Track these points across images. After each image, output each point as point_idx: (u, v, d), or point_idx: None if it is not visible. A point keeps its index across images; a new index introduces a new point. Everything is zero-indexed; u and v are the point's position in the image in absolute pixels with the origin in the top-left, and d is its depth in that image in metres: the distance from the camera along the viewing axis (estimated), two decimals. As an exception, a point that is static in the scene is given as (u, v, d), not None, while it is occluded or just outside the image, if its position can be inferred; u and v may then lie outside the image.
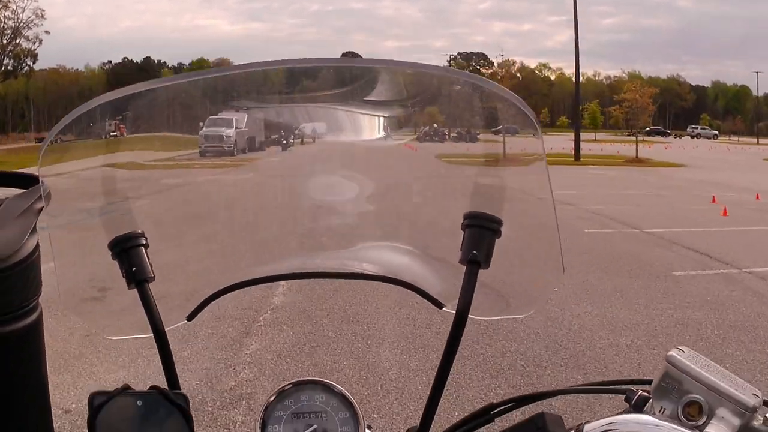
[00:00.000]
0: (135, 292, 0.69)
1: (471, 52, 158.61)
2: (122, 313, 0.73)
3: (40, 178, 0.63)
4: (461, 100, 0.79)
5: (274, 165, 1.00)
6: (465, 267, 0.65)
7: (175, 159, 0.92)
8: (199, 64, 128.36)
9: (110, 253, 0.70)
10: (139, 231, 0.71)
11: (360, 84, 0.73)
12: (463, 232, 0.66)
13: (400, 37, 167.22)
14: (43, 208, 0.62)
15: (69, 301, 0.71)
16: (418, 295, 0.73)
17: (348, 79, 0.75)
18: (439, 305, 0.72)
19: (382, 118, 0.78)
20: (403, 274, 0.73)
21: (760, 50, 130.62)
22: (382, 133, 0.78)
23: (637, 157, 29.27)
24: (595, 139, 63.69)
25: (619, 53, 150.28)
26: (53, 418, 0.68)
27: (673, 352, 0.60)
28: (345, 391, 0.71)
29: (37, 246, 0.59)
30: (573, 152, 30.69)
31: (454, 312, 0.65)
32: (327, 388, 0.71)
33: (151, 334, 0.69)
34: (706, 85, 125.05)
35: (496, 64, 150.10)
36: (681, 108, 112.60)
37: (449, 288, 0.68)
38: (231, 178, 1.08)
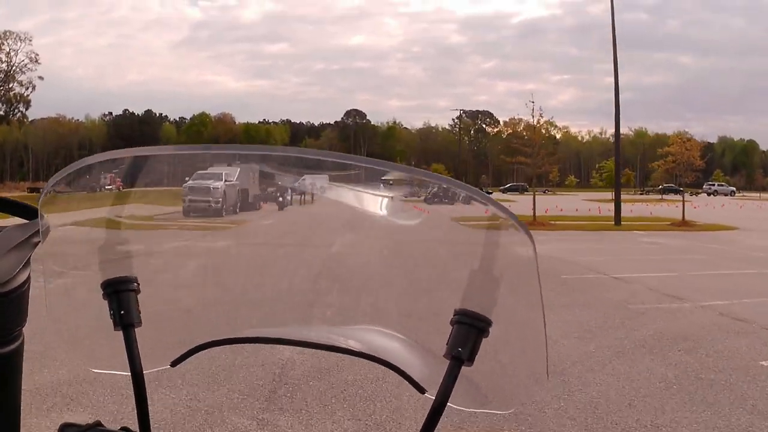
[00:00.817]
0: (119, 333, 0.71)
1: (477, 111, 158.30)
2: (107, 349, 0.75)
3: (40, 212, 0.65)
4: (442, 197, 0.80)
5: (266, 229, 1.02)
6: (448, 361, 0.66)
7: (167, 216, 0.94)
8: (201, 119, 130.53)
9: (102, 293, 0.72)
10: (133, 276, 0.73)
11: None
12: (451, 327, 0.67)
13: (404, 96, 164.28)
14: (39, 242, 0.63)
15: (55, 329, 0.73)
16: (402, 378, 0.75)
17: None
18: (421, 390, 0.73)
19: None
20: (390, 356, 0.75)
21: (759, 104, 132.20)
22: (388, 192, 0.77)
23: (684, 219, 25.83)
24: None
25: (621, 112, 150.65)
26: None
27: None
28: None
29: (29, 278, 0.60)
30: (602, 214, 28.90)
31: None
32: None
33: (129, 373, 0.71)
34: (711, 141, 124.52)
35: (501, 123, 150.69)
36: (689, 165, 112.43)
37: (433, 376, 0.69)
38: (220, 243, 1.08)
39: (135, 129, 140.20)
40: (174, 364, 0.77)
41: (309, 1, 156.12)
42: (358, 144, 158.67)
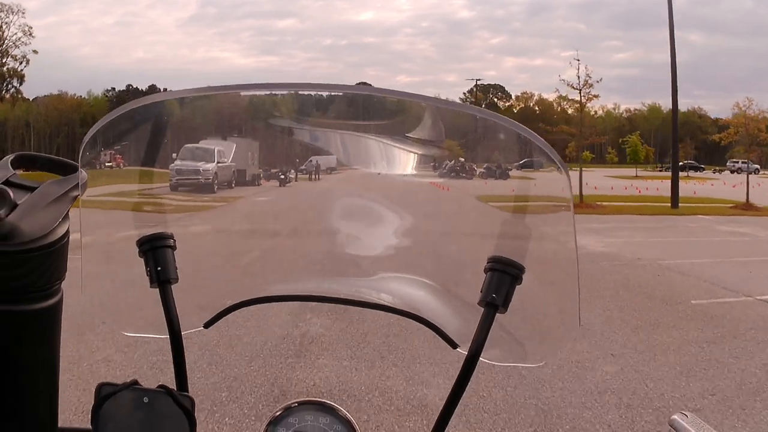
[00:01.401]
0: (155, 291, 0.72)
1: (489, 84, 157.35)
2: (141, 311, 0.75)
3: (80, 168, 0.66)
4: (481, 136, 0.79)
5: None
6: (482, 309, 0.66)
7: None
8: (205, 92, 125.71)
9: (137, 250, 0.73)
10: (169, 233, 0.74)
11: (376, 115, 0.73)
12: (484, 275, 0.67)
13: (412, 71, 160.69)
14: (77, 196, 0.65)
15: (90, 289, 0.74)
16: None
17: (362, 110, 0.75)
18: (453, 345, 0.72)
19: (401, 151, 0.76)
20: (421, 310, 0.74)
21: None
22: (404, 169, 0.77)
23: (748, 201, 22.83)
24: (637, 176, 57.57)
25: (629, 88, 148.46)
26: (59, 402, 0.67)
27: (676, 416, 0.61)
28: (350, 417, 0.71)
29: (67, 232, 0.61)
30: (645, 194, 26.59)
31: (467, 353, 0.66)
32: (332, 410, 0.72)
33: (166, 335, 0.71)
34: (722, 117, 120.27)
35: (513, 97, 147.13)
36: (703, 141, 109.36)
37: (465, 328, 0.68)
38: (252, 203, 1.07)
39: None
40: (207, 325, 0.76)
41: None
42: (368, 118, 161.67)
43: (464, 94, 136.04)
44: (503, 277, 0.66)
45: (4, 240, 0.54)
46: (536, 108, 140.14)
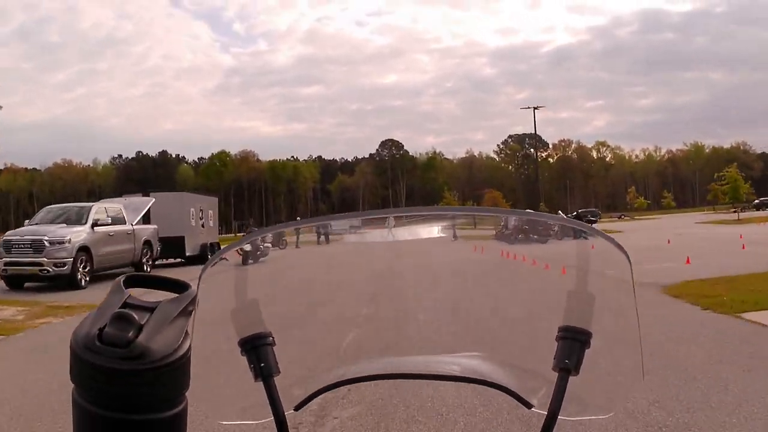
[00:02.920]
0: (257, 384, 0.78)
1: (524, 134, 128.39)
2: (239, 401, 0.82)
3: (192, 286, 0.74)
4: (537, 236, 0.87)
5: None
6: (556, 373, 0.72)
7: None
8: (220, 158, 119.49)
9: (239, 349, 0.80)
10: (268, 331, 0.80)
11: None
12: (556, 343, 0.73)
13: (440, 131, 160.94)
14: (193, 311, 0.71)
15: (204, 391, 0.81)
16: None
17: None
18: (528, 405, 0.76)
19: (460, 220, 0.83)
20: (493, 378, 0.78)
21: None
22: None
23: None
24: (739, 219, 46.95)
25: (653, 133, 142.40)
26: None
27: None
28: None
29: (190, 347, 0.67)
30: None
31: (544, 413, 0.72)
32: None
33: (265, 420, 0.77)
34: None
35: (550, 145, 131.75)
36: (749, 178, 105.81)
37: (536, 391, 0.75)
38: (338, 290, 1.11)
39: (148, 172, 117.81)
40: (297, 408, 0.81)
41: (339, 42, 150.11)
42: (396, 178, 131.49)
43: (498, 146, 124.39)
44: (574, 345, 0.71)
45: (135, 360, 0.60)
46: (574, 155, 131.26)
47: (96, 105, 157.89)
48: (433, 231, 0.82)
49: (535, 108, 71.40)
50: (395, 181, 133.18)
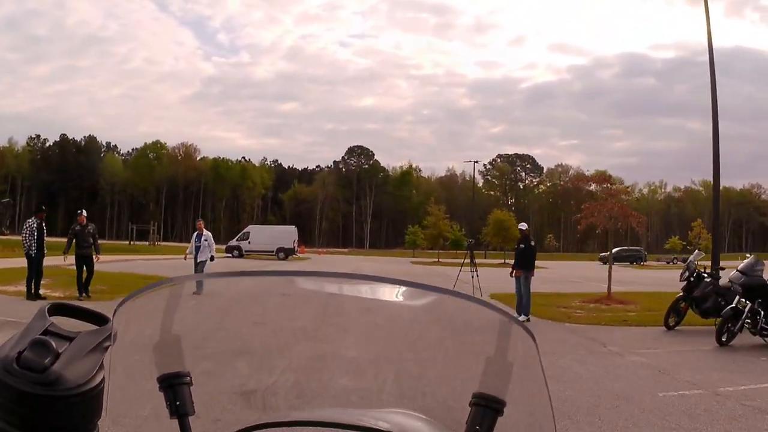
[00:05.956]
0: (173, 422, 0.81)
1: (515, 154, 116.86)
2: None
3: (112, 320, 0.76)
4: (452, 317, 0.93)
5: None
6: None
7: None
8: (154, 148, 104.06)
9: (158, 385, 0.82)
10: (186, 370, 0.83)
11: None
12: (469, 408, 0.76)
13: (414, 158, 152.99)
14: (109, 346, 0.73)
15: (118, 423, 0.82)
16: None
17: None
18: None
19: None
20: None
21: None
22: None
23: None
24: None
25: (627, 176, 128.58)
26: None
27: None
28: None
29: (103, 379, 0.69)
30: None
31: None
32: None
33: None
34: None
35: (545, 169, 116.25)
36: (760, 225, 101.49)
37: None
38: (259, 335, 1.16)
39: (69, 159, 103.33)
40: None
41: (321, 62, 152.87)
42: (363, 192, 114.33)
43: (484, 166, 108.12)
44: (487, 412, 0.75)
45: (50, 386, 0.63)
46: (569, 185, 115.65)
47: (75, 103, 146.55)
48: (361, 292, 0.85)
49: (474, 162, 71.59)
50: (361, 196, 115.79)
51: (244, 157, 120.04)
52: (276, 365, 1.08)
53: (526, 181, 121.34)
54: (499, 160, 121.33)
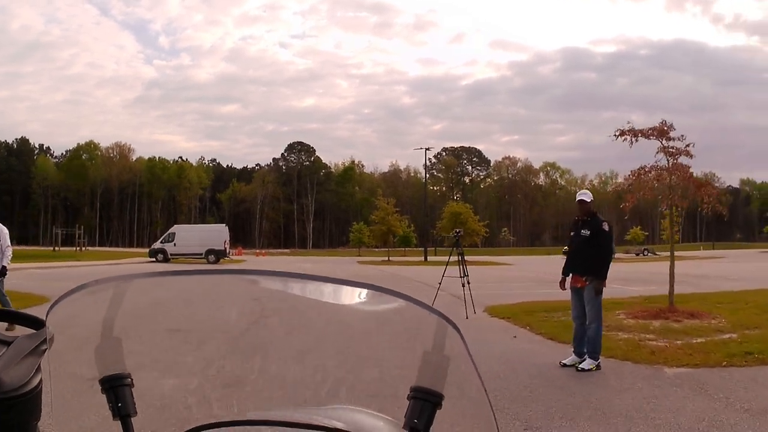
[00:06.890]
0: (116, 423, 0.81)
1: (461, 147, 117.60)
2: None
3: (47, 324, 0.77)
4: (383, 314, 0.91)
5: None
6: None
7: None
8: (87, 149, 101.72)
9: (100, 387, 0.82)
10: (127, 372, 0.83)
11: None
12: (408, 402, 0.77)
13: (356, 157, 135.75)
14: (46, 349, 0.75)
15: (59, 424, 0.85)
16: None
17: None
18: None
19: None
20: (352, 428, 0.84)
21: (717, 157, 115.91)
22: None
23: None
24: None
25: (574, 170, 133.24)
26: None
27: None
28: None
29: (40, 381, 0.71)
30: None
31: None
32: None
33: None
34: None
35: (492, 162, 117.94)
36: (715, 214, 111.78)
37: None
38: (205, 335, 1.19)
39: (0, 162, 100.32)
40: None
41: (262, 63, 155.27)
42: (304, 190, 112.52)
43: (429, 160, 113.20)
44: (425, 405, 0.76)
45: None
46: (516, 178, 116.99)
47: (17, 109, 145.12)
48: (299, 290, 0.85)
49: (426, 149, 66.20)
50: (303, 194, 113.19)
51: (181, 157, 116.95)
52: (217, 364, 1.11)
53: (473, 175, 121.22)
54: (444, 153, 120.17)
